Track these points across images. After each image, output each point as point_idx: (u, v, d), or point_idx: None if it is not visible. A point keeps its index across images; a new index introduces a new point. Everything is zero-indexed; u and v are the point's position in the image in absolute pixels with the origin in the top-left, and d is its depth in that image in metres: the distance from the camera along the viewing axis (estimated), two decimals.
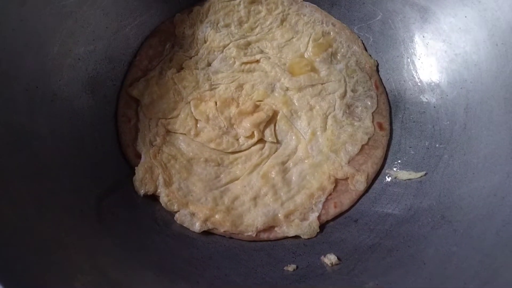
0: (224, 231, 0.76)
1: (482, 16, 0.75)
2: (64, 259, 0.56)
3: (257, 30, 0.95)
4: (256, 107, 0.86)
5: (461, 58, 0.79)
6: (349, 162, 0.83)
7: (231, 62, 0.91)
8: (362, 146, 0.84)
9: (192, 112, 0.85)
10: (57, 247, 0.57)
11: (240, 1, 0.96)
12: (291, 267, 0.70)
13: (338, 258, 0.70)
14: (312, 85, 0.89)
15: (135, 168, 0.79)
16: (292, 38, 0.94)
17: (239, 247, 0.74)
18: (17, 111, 0.65)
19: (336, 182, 0.82)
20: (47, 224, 0.59)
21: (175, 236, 0.73)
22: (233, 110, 0.86)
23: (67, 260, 0.56)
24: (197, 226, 0.75)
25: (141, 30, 0.90)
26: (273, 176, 0.81)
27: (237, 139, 0.84)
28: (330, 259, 0.70)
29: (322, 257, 0.71)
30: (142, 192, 0.77)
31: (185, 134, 0.84)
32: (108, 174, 0.76)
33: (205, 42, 0.92)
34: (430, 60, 0.84)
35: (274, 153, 0.84)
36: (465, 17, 0.78)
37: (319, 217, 0.78)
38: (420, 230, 0.69)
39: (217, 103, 0.86)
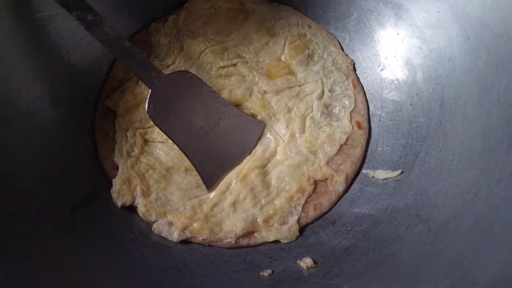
0: (202, 239, 0.76)
1: (453, 10, 0.74)
2: (31, 271, 0.56)
3: (233, 35, 0.95)
4: None
5: (435, 53, 0.78)
6: (328, 162, 0.82)
7: (208, 67, 0.91)
8: (341, 146, 0.83)
9: None
10: (25, 260, 0.57)
11: (216, 9, 0.96)
12: (266, 272, 0.69)
13: (314, 261, 0.69)
14: (290, 87, 0.89)
15: (113, 180, 0.79)
16: (269, 41, 0.94)
17: (216, 254, 0.74)
18: None
19: (316, 183, 0.81)
20: (16, 238, 0.59)
21: (151, 245, 0.73)
22: None
23: (34, 272, 0.56)
24: (175, 235, 0.75)
25: None
26: (252, 179, 0.80)
27: None
28: (306, 262, 0.69)
29: (298, 261, 0.70)
30: (119, 203, 0.77)
31: (163, 142, 0.84)
32: (85, 187, 0.76)
33: (182, 50, 0.93)
34: (406, 57, 0.83)
35: (253, 156, 0.83)
36: (438, 12, 0.77)
37: (298, 220, 0.78)
38: (396, 230, 0.68)
39: None
